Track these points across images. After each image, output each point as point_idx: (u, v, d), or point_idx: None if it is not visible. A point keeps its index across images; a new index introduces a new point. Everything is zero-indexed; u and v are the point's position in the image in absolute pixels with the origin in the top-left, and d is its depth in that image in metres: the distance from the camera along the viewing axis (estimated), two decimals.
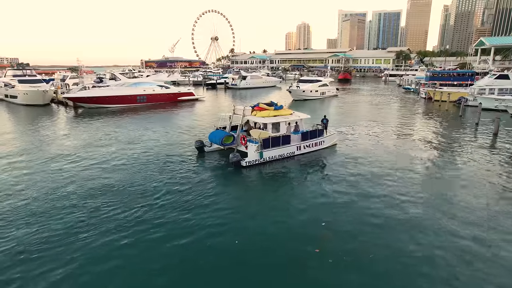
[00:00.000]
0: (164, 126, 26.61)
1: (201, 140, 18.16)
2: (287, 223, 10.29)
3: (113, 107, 36.27)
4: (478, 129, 25.01)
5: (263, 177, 14.82)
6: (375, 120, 29.05)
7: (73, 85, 50.31)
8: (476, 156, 17.58)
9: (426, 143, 20.66)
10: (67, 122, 29.06)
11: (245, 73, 69.41)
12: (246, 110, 17.42)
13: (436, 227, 9.87)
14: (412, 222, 10.18)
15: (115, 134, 23.36)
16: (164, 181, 13.68)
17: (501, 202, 11.79)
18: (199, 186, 13.15)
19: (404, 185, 13.30)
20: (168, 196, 12.17)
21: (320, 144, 18.47)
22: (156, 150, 18.87)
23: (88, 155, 17.76)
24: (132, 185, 13.27)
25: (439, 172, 14.99)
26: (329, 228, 9.91)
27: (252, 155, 15.63)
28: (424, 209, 11.17)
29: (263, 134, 16.36)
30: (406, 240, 9.18)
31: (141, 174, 14.63)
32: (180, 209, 11.15)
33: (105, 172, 15.00)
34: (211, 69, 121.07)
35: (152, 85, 40.35)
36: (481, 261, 8.27)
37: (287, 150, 16.89)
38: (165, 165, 15.98)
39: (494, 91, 35.26)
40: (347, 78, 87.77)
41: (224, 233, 9.65)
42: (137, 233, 9.57)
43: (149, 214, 10.77)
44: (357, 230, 9.75)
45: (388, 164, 16.07)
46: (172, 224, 10.14)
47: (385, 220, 10.32)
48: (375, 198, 12.05)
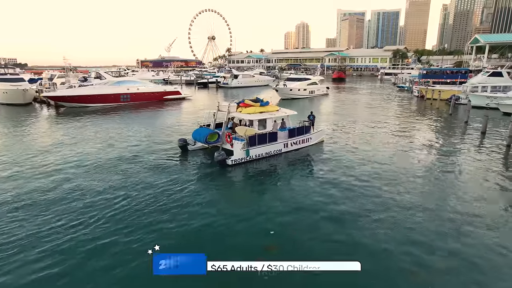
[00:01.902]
0: (147, 125, 25.62)
1: (184, 139, 17.36)
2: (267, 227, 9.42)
3: (96, 106, 35.33)
4: (467, 127, 24.04)
5: (249, 176, 13.98)
6: (364, 118, 28.08)
7: (60, 84, 49.85)
8: (461, 155, 16.61)
9: (411, 142, 19.70)
10: (45, 122, 27.99)
11: (237, 72, 68.44)
12: (231, 107, 16.62)
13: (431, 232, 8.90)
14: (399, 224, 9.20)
15: (94, 134, 22.26)
16: (143, 181, 12.76)
17: (481, 202, 10.82)
18: (180, 187, 12.26)
19: (390, 185, 12.32)
20: (145, 198, 11.25)
21: (307, 141, 17.93)
22: (137, 149, 17.89)
23: (61, 156, 16.69)
24: (108, 187, 12.28)
25: (419, 174, 13.99)
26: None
27: (238, 153, 14.91)
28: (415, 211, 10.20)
29: (249, 131, 15.74)
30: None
31: (118, 175, 13.61)
32: (159, 211, 10.29)
33: (78, 174, 13.94)
34: (206, 69, 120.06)
35: (136, 84, 39.29)
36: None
37: (274, 147, 16.22)
38: (145, 164, 15.01)
39: (486, 89, 34.31)
40: (342, 77, 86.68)
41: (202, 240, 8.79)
42: (101, 237, 8.73)
43: (123, 215, 9.98)
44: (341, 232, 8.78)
45: (374, 163, 15.21)
46: (147, 228, 9.24)
47: (348, 217, 9.34)
48: (362, 198, 11.24)
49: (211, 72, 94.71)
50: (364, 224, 9.50)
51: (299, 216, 10.01)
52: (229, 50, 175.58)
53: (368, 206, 10.67)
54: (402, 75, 69.57)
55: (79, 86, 39.30)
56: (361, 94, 52.15)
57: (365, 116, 29.13)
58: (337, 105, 38.35)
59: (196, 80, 69.69)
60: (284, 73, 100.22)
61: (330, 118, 28.39)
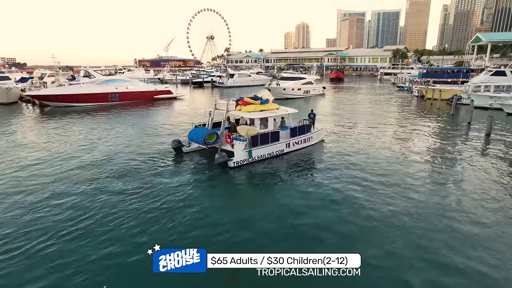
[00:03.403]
0: (137, 126, 24.18)
1: (178, 140, 16.22)
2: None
3: (82, 106, 33.90)
4: (470, 128, 22.61)
5: (253, 179, 12.91)
6: (362, 119, 26.65)
7: (51, 83, 48.84)
8: (465, 159, 15.17)
9: (413, 144, 18.33)
10: (26, 122, 26.56)
11: (232, 71, 67.05)
12: (230, 105, 15.55)
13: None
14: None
15: (79, 135, 20.77)
16: (135, 187, 11.55)
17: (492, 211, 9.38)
18: (177, 193, 11.07)
19: (395, 192, 10.90)
20: (140, 205, 10.12)
21: (308, 140, 17.05)
22: (127, 152, 16.49)
23: (41, 158, 15.32)
24: (95, 194, 11.02)
25: (423, 179, 12.54)
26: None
27: (239, 154, 13.86)
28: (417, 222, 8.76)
29: (251, 130, 14.77)
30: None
31: (107, 180, 12.33)
32: (155, 219, 9.29)
33: (62, 179, 12.53)
34: (204, 68, 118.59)
35: (125, 83, 37.79)
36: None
37: (276, 147, 15.27)
38: (137, 168, 13.73)
39: (489, 88, 32.84)
40: (340, 77, 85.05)
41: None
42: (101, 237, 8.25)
43: (115, 224, 9.07)
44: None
45: (380, 165, 13.97)
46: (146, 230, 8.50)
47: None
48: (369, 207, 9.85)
49: (209, 71, 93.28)
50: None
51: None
52: (228, 50, 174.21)
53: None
54: (401, 75, 68.09)
55: (69, 85, 38.06)
56: (360, 94, 50.68)
57: (364, 117, 27.67)
58: (333, 106, 36.82)
59: (191, 80, 68.27)
60: (282, 73, 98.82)
61: (326, 119, 26.92)
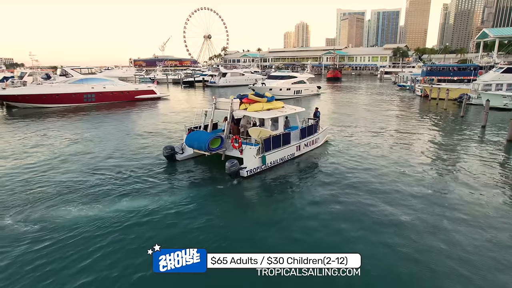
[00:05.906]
0: (118, 130, 21.30)
1: (171, 146, 13.75)
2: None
3: (54, 107, 30.85)
4: (485, 133, 19.53)
5: (269, 190, 10.88)
6: (361, 122, 23.58)
7: (31, 83, 46.16)
8: (487, 172, 12.09)
9: (421, 151, 15.25)
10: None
11: (225, 70, 64.01)
12: (234, 104, 13.11)
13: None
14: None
15: (47, 142, 17.69)
16: (127, 206, 9.32)
17: None
18: (177, 212, 8.99)
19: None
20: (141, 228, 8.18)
21: (316, 141, 15.49)
22: (110, 162, 13.76)
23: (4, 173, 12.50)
24: (67, 215, 8.78)
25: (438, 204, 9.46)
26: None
27: (252, 161, 11.85)
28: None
29: (264, 132, 12.88)
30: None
31: (87, 198, 9.83)
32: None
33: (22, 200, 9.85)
34: (200, 68, 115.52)
35: (102, 82, 34.63)
36: None
37: (288, 151, 13.46)
38: (125, 182, 11.14)
39: (501, 87, 29.75)
40: (337, 76, 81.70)
41: None
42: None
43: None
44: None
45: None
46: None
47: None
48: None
49: (203, 71, 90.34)
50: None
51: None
52: (225, 49, 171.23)
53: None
54: (403, 74, 64.93)
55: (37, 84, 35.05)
56: (359, 94, 47.58)
57: (363, 121, 24.61)
58: (329, 108, 33.46)
59: (182, 79, 65.24)
60: (272, 71, 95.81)
61: (322, 122, 23.81)
